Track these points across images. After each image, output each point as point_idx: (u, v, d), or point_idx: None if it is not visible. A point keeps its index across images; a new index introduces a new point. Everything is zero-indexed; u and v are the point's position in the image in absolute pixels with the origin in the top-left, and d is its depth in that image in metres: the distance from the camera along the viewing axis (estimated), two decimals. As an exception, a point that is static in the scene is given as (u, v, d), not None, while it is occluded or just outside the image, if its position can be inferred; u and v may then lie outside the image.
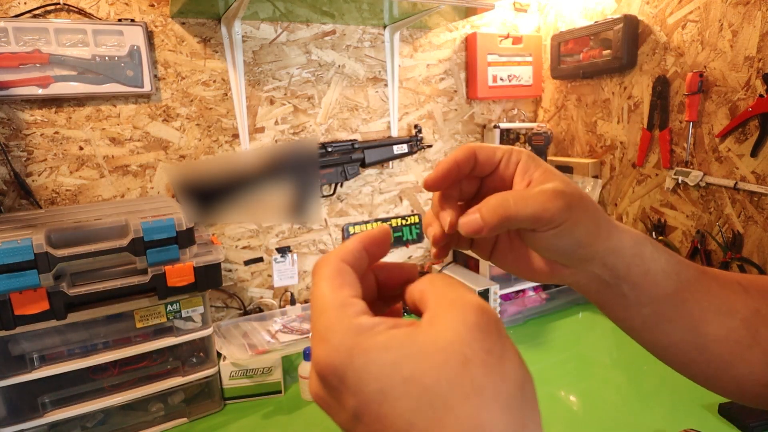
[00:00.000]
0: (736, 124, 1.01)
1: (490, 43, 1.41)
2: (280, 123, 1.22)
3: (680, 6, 1.10)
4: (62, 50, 0.96)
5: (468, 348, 0.20)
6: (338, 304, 0.23)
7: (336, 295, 0.24)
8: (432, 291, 0.24)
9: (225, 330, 1.08)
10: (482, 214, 0.29)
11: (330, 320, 0.23)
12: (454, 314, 0.21)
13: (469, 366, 0.20)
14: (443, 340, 0.21)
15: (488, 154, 0.33)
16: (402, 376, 0.20)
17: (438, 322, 0.21)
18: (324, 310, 0.23)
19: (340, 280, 0.25)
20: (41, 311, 0.75)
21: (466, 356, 0.20)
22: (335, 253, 0.26)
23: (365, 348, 0.21)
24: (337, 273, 0.25)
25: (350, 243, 0.27)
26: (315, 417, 0.92)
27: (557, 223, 0.29)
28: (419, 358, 0.20)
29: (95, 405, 0.84)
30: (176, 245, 0.83)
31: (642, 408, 0.89)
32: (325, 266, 0.25)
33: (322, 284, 0.24)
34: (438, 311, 0.22)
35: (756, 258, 1.01)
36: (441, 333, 0.21)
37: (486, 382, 0.20)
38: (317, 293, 0.24)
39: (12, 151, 0.98)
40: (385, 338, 0.21)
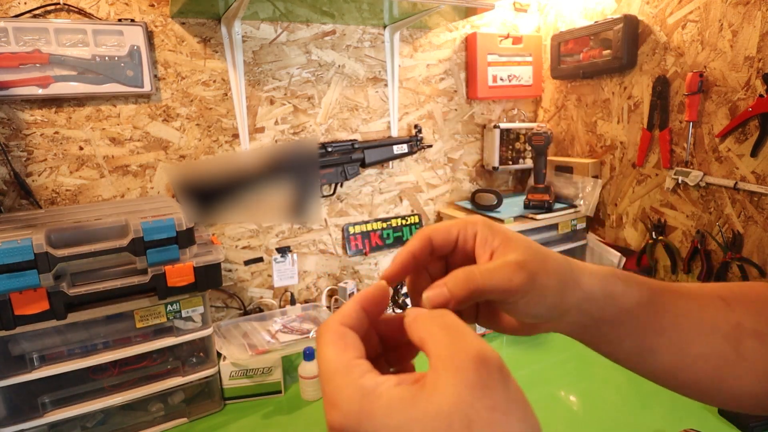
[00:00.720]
0: (736, 124, 1.01)
1: (490, 43, 1.41)
2: (280, 123, 1.22)
3: (680, 6, 1.10)
4: (62, 50, 0.96)
5: (471, 409, 0.20)
6: (343, 367, 0.24)
7: (340, 359, 0.24)
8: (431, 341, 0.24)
9: (225, 330, 1.08)
10: (449, 288, 0.30)
11: (337, 385, 0.23)
12: (454, 374, 0.21)
13: (473, 428, 0.20)
14: (446, 403, 0.21)
15: (443, 236, 0.33)
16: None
17: (440, 384, 0.22)
18: (331, 375, 0.24)
19: (343, 344, 0.25)
20: (41, 311, 0.75)
21: (470, 418, 0.20)
22: (335, 319, 0.27)
23: (370, 412, 0.22)
24: (339, 337, 0.26)
25: (348, 306, 0.28)
26: (315, 417, 0.92)
27: (524, 293, 0.30)
28: (423, 424, 0.20)
29: (95, 405, 0.84)
30: (176, 245, 0.83)
31: (642, 408, 0.89)
32: (327, 332, 0.26)
33: (327, 350, 0.25)
34: (438, 368, 0.22)
35: (756, 258, 1.01)
36: (443, 396, 0.21)
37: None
38: (323, 359, 0.25)
39: (12, 151, 0.98)
40: (389, 401, 0.22)
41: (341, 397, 0.23)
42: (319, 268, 1.34)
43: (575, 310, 0.34)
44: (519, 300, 0.31)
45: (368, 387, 0.23)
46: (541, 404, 0.93)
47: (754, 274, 1.02)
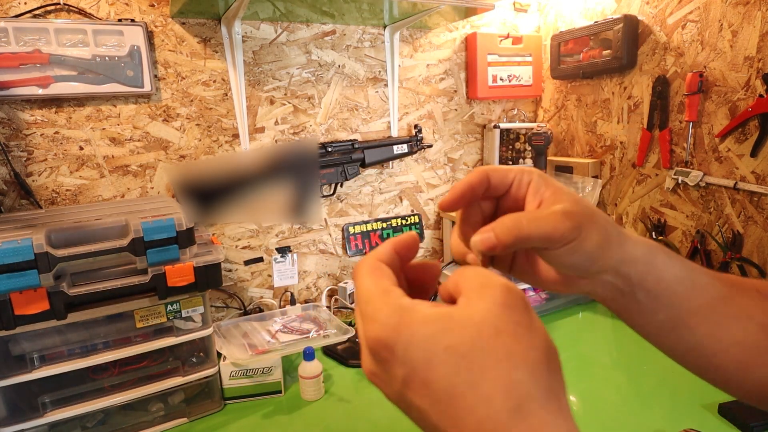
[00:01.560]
0: (736, 124, 1.01)
1: (490, 43, 1.41)
2: (280, 123, 1.22)
3: (680, 6, 1.10)
4: (62, 50, 0.97)
5: (499, 321, 0.23)
6: (381, 291, 0.26)
7: (378, 285, 0.27)
8: (463, 280, 0.26)
9: (225, 330, 1.08)
10: (496, 233, 0.31)
11: (377, 304, 0.25)
12: (486, 294, 0.24)
13: (500, 336, 0.23)
14: (477, 315, 0.23)
15: (500, 176, 0.35)
16: (443, 346, 0.23)
17: (471, 302, 0.24)
18: (370, 297, 0.26)
19: (380, 273, 0.28)
20: (41, 311, 0.75)
21: (498, 328, 0.23)
22: (371, 254, 0.29)
23: (409, 323, 0.24)
24: (376, 268, 0.28)
25: (383, 246, 0.30)
26: (315, 417, 0.92)
27: (567, 241, 0.31)
28: (457, 331, 0.23)
29: (95, 405, 0.84)
30: (176, 245, 0.83)
31: (642, 408, 0.89)
32: (364, 265, 0.29)
33: (365, 279, 0.27)
34: (470, 294, 0.25)
35: (756, 258, 1.01)
36: (475, 310, 0.24)
37: (516, 349, 0.23)
38: (362, 286, 0.27)
39: (12, 151, 0.98)
40: (425, 314, 0.24)
41: (381, 313, 0.25)
42: (319, 268, 1.34)
43: (614, 270, 0.34)
44: (561, 248, 0.32)
45: (406, 305, 0.25)
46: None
47: (754, 274, 1.02)
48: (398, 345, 0.24)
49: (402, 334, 0.24)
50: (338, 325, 1.09)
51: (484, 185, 0.35)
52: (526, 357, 0.23)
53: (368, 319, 0.25)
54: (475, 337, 0.23)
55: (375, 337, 0.25)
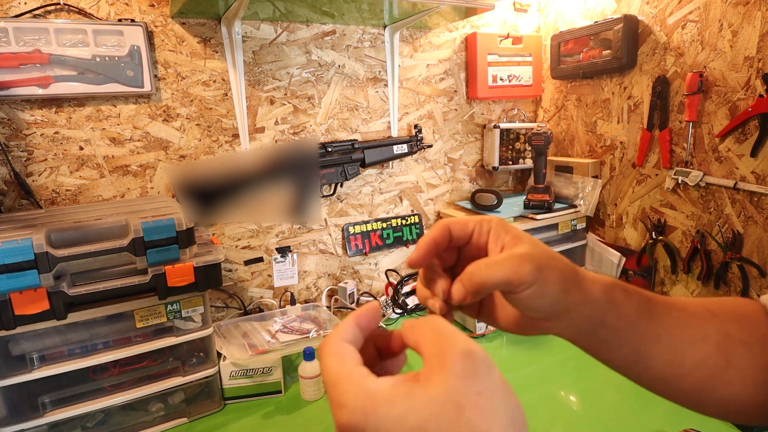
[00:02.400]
0: (736, 124, 1.01)
1: (490, 43, 1.41)
2: (280, 123, 1.23)
3: (680, 6, 1.10)
4: (62, 50, 0.97)
5: (460, 395, 0.24)
6: (346, 374, 0.27)
7: (343, 367, 0.27)
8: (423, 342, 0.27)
9: (225, 330, 1.08)
10: (463, 284, 0.34)
11: (343, 388, 0.26)
12: (444, 367, 0.25)
13: (463, 410, 0.23)
14: (438, 392, 0.24)
15: (460, 228, 0.37)
16: (409, 427, 0.23)
17: (431, 377, 0.25)
18: (336, 381, 0.27)
19: (343, 354, 0.28)
20: (41, 311, 0.75)
21: (459, 403, 0.23)
22: (335, 335, 0.30)
23: (374, 407, 0.24)
24: (339, 349, 0.29)
25: (345, 323, 0.31)
26: (315, 417, 0.92)
27: (529, 284, 0.33)
28: (420, 410, 0.23)
29: (95, 405, 0.84)
30: (176, 245, 0.83)
31: (642, 408, 0.89)
32: (328, 346, 0.29)
33: (330, 361, 0.28)
34: (431, 366, 0.25)
35: (756, 258, 1.01)
36: (435, 386, 0.24)
37: (480, 421, 0.23)
38: (327, 369, 0.28)
39: (12, 151, 0.98)
40: (389, 396, 0.25)
41: (347, 398, 0.25)
42: (319, 268, 1.34)
43: (576, 311, 0.36)
44: (524, 291, 0.33)
45: (371, 387, 0.25)
46: (541, 404, 0.93)
47: (753, 274, 1.02)
48: (368, 428, 0.24)
49: (369, 418, 0.24)
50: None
51: (447, 238, 0.37)
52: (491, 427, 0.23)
53: (336, 404, 0.26)
54: (440, 414, 0.23)
55: (346, 423, 0.25)
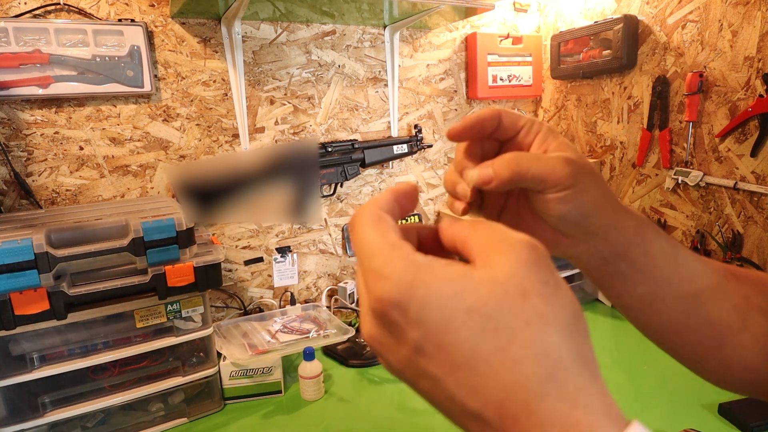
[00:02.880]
0: (736, 124, 1.01)
1: (490, 43, 1.41)
2: (280, 123, 1.22)
3: (680, 6, 1.10)
4: (62, 50, 0.97)
5: (525, 280, 0.21)
6: (389, 245, 0.23)
7: (385, 238, 0.24)
8: (476, 237, 0.24)
9: (225, 330, 1.08)
10: (494, 168, 0.30)
11: (386, 259, 0.23)
12: (508, 252, 0.22)
13: (528, 296, 0.21)
14: (502, 274, 0.21)
15: (512, 120, 0.34)
16: (465, 306, 0.21)
17: (493, 261, 0.22)
18: (376, 252, 0.23)
19: (384, 225, 0.25)
20: (41, 311, 0.75)
21: (525, 288, 0.21)
22: (371, 203, 0.26)
23: (426, 281, 0.21)
24: (380, 219, 0.25)
25: (383, 195, 0.27)
26: (315, 417, 0.92)
27: (563, 186, 0.30)
28: (480, 291, 0.21)
29: (95, 405, 0.84)
30: (176, 245, 0.83)
31: (642, 408, 0.89)
32: (365, 215, 0.25)
33: (367, 231, 0.24)
34: (489, 253, 0.23)
35: (756, 258, 1.01)
36: (498, 269, 0.21)
37: (546, 310, 0.21)
38: (364, 239, 0.24)
39: (12, 151, 0.98)
40: (444, 272, 0.22)
41: (391, 269, 0.22)
42: (319, 268, 1.34)
43: (603, 235, 0.33)
44: (556, 193, 0.31)
45: (421, 261, 0.22)
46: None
47: (754, 274, 1.02)
48: (412, 305, 0.21)
49: (417, 292, 0.21)
50: (338, 325, 1.09)
51: (495, 124, 0.34)
52: (557, 319, 0.21)
53: (375, 276, 0.22)
54: (501, 297, 0.21)
55: (384, 296, 0.22)
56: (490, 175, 0.30)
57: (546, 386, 0.20)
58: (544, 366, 0.20)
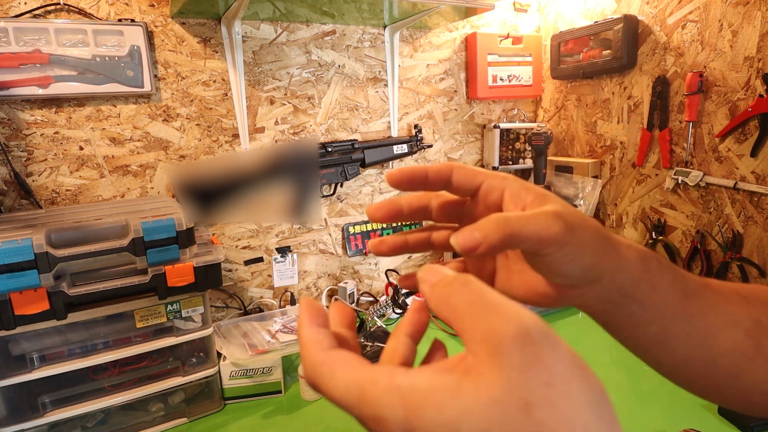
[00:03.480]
0: (736, 124, 1.01)
1: (490, 43, 1.41)
2: (280, 123, 1.22)
3: (680, 6, 1.10)
4: (62, 50, 0.97)
5: (525, 390, 0.18)
6: (367, 382, 0.21)
7: (358, 377, 0.22)
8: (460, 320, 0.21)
9: (225, 330, 1.08)
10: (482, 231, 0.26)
11: (372, 399, 0.21)
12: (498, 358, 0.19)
13: (531, 410, 0.18)
14: (496, 389, 0.18)
15: (467, 175, 0.31)
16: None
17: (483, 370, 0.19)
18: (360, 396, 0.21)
19: (344, 364, 0.23)
20: (41, 311, 0.75)
21: (526, 400, 0.18)
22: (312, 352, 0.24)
23: (418, 413, 0.19)
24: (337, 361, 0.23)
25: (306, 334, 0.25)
26: (315, 417, 0.92)
27: (562, 244, 0.28)
28: (477, 415, 0.18)
29: (95, 405, 0.84)
30: (176, 245, 0.83)
31: (642, 408, 0.89)
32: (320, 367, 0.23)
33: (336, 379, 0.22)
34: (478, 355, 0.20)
35: (756, 258, 1.01)
36: (492, 382, 0.19)
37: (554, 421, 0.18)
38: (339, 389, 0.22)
39: (12, 151, 0.98)
40: (433, 395, 0.19)
41: (383, 409, 0.20)
42: (319, 268, 1.34)
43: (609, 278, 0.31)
44: (556, 252, 0.28)
45: (404, 386, 0.20)
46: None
47: (754, 274, 1.02)
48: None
49: (414, 427, 0.19)
50: (338, 325, 1.09)
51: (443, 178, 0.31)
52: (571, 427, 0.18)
53: (373, 421, 0.21)
54: (502, 420, 0.18)
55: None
56: (477, 240, 0.26)
57: None
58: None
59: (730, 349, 0.34)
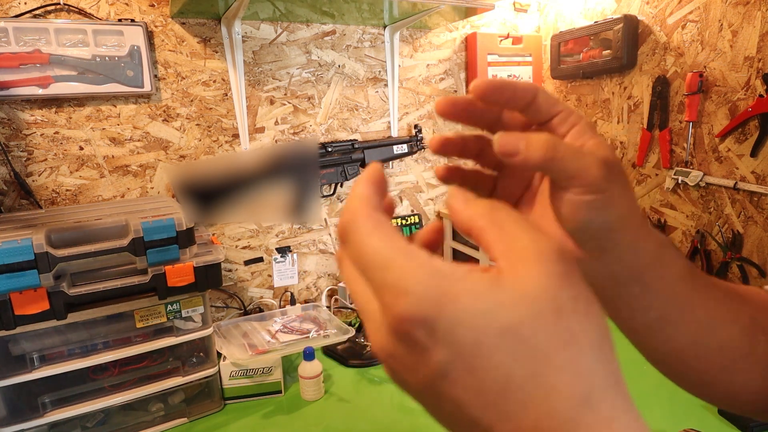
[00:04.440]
0: (736, 124, 1.01)
1: (490, 43, 1.41)
2: (280, 123, 1.22)
3: (680, 6, 1.10)
4: (62, 50, 0.96)
5: (558, 296, 0.19)
6: (403, 253, 0.20)
7: (396, 245, 0.21)
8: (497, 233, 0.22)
9: (225, 330, 1.08)
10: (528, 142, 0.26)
11: (404, 270, 0.20)
12: (538, 262, 0.20)
13: (562, 315, 0.19)
14: (534, 289, 0.19)
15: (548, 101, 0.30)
16: (498, 327, 0.19)
17: (522, 272, 0.20)
18: (389, 263, 0.20)
19: (387, 229, 0.22)
20: (41, 311, 0.75)
21: (559, 306, 0.19)
22: (362, 204, 0.23)
23: (454, 295, 0.19)
24: (379, 223, 0.22)
25: (365, 190, 0.24)
26: (315, 417, 0.92)
27: (594, 189, 0.27)
28: (514, 308, 0.19)
29: (95, 405, 0.84)
30: (176, 245, 0.83)
31: (642, 408, 0.88)
32: (361, 220, 0.22)
33: (371, 239, 0.21)
34: (516, 260, 0.20)
35: (756, 258, 1.01)
36: (529, 283, 0.20)
37: (580, 330, 0.19)
38: (369, 249, 0.21)
39: (12, 151, 0.98)
40: (472, 285, 0.20)
41: (411, 282, 0.19)
42: (319, 268, 1.34)
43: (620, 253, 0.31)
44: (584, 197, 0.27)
45: (445, 270, 0.20)
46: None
47: (754, 274, 1.02)
48: (440, 324, 0.19)
49: (446, 308, 0.19)
50: (338, 325, 1.09)
51: (528, 97, 0.30)
52: (592, 339, 0.19)
53: (393, 291, 0.20)
54: (536, 317, 0.19)
55: (407, 314, 0.19)
56: (519, 149, 0.25)
57: (581, 412, 0.19)
58: (580, 391, 0.19)
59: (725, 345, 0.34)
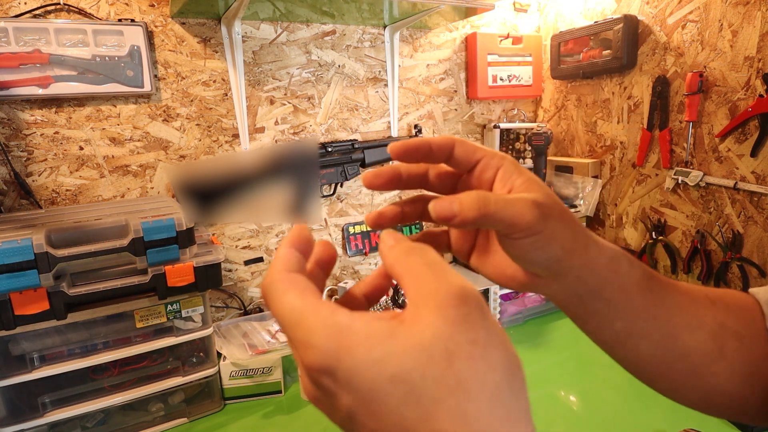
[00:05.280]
0: (736, 124, 1.01)
1: (490, 43, 1.41)
2: (280, 123, 1.22)
3: (680, 6, 1.10)
4: (62, 50, 0.96)
5: (451, 342, 0.20)
6: (310, 309, 0.23)
7: (304, 302, 0.23)
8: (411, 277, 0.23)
9: (225, 330, 1.08)
10: (460, 203, 0.28)
11: (309, 326, 0.22)
12: (435, 310, 0.21)
13: (453, 360, 0.20)
14: (426, 337, 0.20)
15: (467, 151, 0.32)
16: (389, 374, 0.20)
17: (419, 319, 0.21)
18: (298, 320, 0.23)
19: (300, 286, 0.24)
20: (41, 311, 0.75)
21: (450, 351, 0.20)
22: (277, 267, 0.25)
23: (350, 347, 0.21)
24: (293, 282, 0.24)
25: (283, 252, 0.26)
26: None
27: (532, 232, 0.29)
28: (404, 355, 0.20)
29: (95, 405, 0.84)
30: (176, 245, 0.83)
31: (642, 408, 0.89)
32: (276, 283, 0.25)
33: (284, 298, 0.24)
34: (418, 307, 0.22)
35: (756, 258, 1.01)
36: (423, 330, 0.21)
37: (470, 375, 0.20)
38: (283, 308, 0.23)
39: (12, 151, 0.98)
40: (367, 335, 0.21)
41: (315, 337, 0.22)
42: (319, 268, 1.34)
43: (575, 275, 0.32)
44: (524, 239, 0.29)
45: (344, 323, 0.22)
46: (541, 404, 0.93)
47: (754, 274, 1.02)
48: (339, 373, 0.21)
49: (343, 360, 0.21)
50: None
51: (445, 152, 0.32)
52: (483, 383, 0.20)
53: (302, 345, 0.22)
54: (425, 365, 0.20)
55: (314, 365, 0.22)
56: (453, 212, 0.27)
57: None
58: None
59: (692, 350, 0.35)
